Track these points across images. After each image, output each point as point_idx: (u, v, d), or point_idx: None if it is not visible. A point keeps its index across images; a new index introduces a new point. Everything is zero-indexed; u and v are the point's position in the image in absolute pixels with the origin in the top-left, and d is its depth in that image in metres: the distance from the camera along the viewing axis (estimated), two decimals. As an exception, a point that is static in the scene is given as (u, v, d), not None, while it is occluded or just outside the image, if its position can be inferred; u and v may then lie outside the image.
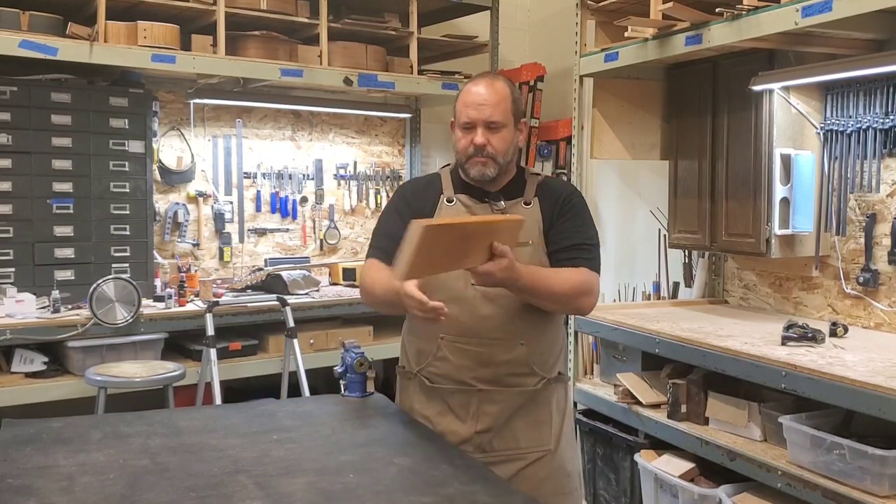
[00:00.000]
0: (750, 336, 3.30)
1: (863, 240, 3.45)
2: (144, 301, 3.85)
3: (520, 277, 2.07)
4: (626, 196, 4.79)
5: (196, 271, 4.44)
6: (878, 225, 3.42)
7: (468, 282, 2.20)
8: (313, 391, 3.85)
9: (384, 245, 2.26)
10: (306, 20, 4.34)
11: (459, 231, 2.01)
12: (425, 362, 2.30)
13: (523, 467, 2.25)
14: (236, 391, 4.35)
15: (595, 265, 2.26)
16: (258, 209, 4.91)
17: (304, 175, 5.03)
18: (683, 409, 3.36)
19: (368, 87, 4.50)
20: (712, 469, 3.23)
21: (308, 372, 3.92)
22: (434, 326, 2.16)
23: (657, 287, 4.36)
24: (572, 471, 2.34)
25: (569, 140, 4.64)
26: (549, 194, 2.30)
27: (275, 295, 4.12)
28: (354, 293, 4.48)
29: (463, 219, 2.19)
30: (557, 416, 2.30)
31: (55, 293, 3.74)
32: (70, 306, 3.81)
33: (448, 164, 2.41)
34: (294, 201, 5.00)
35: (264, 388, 4.36)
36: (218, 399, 3.64)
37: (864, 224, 3.45)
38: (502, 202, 2.28)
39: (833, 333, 3.26)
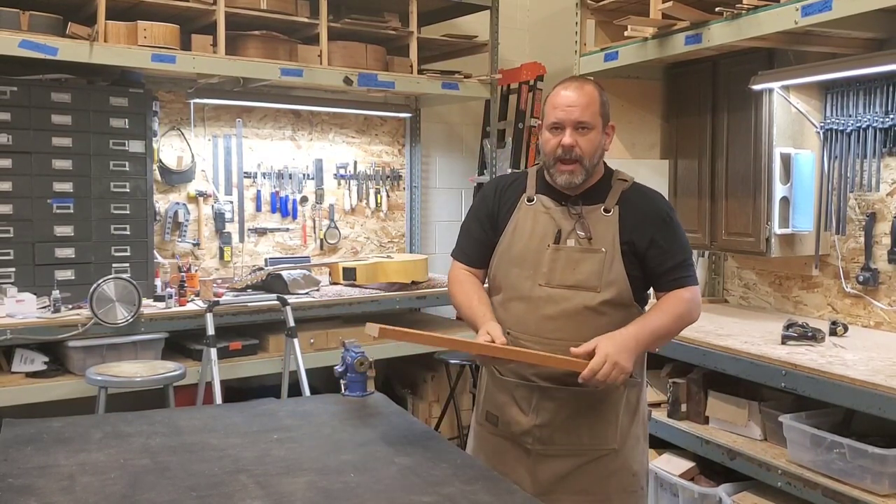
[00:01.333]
0: (750, 335, 3.30)
1: (863, 239, 3.46)
2: (145, 301, 3.85)
3: (634, 349, 2.15)
4: (626, 195, 4.78)
5: (196, 271, 4.43)
6: (878, 224, 3.43)
7: (536, 282, 2.26)
8: (314, 391, 3.85)
9: (466, 249, 2.45)
10: (306, 20, 4.34)
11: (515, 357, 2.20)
12: None
13: (585, 462, 2.27)
14: (236, 391, 4.36)
15: (694, 278, 2.33)
16: (258, 209, 4.91)
17: (304, 175, 5.03)
18: (683, 408, 3.36)
19: (368, 86, 4.49)
20: (712, 468, 3.23)
21: (308, 371, 3.92)
22: (504, 320, 2.28)
23: (657, 286, 4.35)
24: (638, 471, 2.34)
25: (569, 139, 4.63)
26: (636, 206, 2.28)
27: (275, 294, 4.12)
28: (354, 292, 4.49)
29: (515, 353, 2.22)
30: (626, 417, 2.30)
31: (55, 293, 3.74)
32: (70, 306, 3.81)
33: (538, 163, 2.42)
34: (294, 201, 5.00)
35: (264, 387, 4.37)
36: (218, 399, 3.64)
37: (863, 223, 3.45)
38: (580, 206, 2.27)
39: (833, 332, 3.27)
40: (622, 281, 2.23)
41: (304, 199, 5.04)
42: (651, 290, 2.35)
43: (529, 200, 2.33)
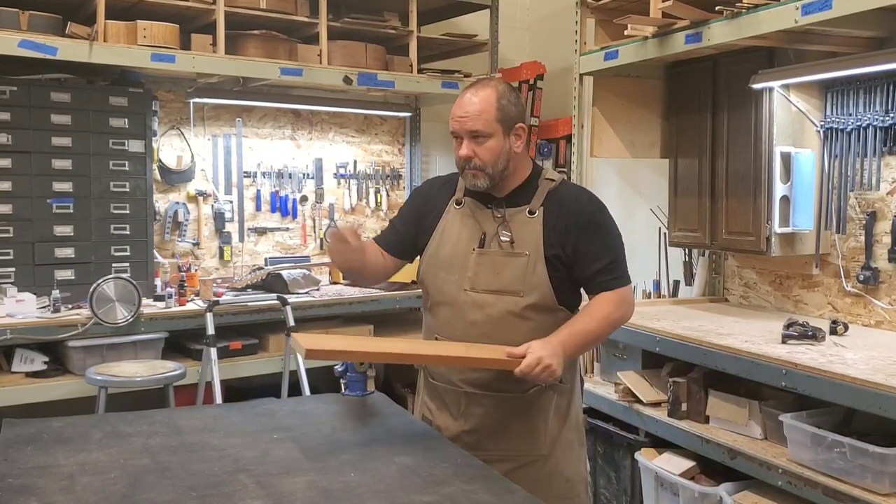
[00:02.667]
0: (750, 334, 3.30)
1: (863, 238, 3.45)
2: (145, 300, 3.86)
3: (563, 355, 2.11)
4: (626, 194, 4.78)
5: (196, 270, 4.44)
6: (879, 223, 3.42)
7: (461, 287, 2.25)
8: (314, 390, 3.85)
9: (386, 235, 2.47)
10: (306, 19, 4.35)
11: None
12: None
13: (513, 469, 2.24)
14: (237, 390, 4.36)
15: (625, 279, 2.28)
16: (258, 208, 4.91)
17: (303, 174, 5.04)
18: (684, 407, 3.35)
19: (368, 85, 4.50)
20: (713, 467, 3.23)
21: (308, 371, 3.93)
22: (433, 326, 2.31)
23: (657, 285, 4.36)
24: (572, 477, 2.33)
25: (569, 138, 4.64)
26: (560, 205, 2.26)
27: (275, 294, 4.12)
28: (355, 292, 4.49)
29: (436, 350, 2.25)
30: (556, 423, 2.29)
31: (55, 293, 3.74)
32: (70, 306, 3.81)
33: None
34: (294, 200, 5.00)
35: (265, 387, 4.36)
36: (218, 398, 3.64)
37: (864, 222, 3.45)
38: (504, 209, 2.27)
39: (833, 331, 3.26)
40: (545, 285, 2.21)
41: (304, 199, 5.04)
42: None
43: (458, 204, 2.33)
